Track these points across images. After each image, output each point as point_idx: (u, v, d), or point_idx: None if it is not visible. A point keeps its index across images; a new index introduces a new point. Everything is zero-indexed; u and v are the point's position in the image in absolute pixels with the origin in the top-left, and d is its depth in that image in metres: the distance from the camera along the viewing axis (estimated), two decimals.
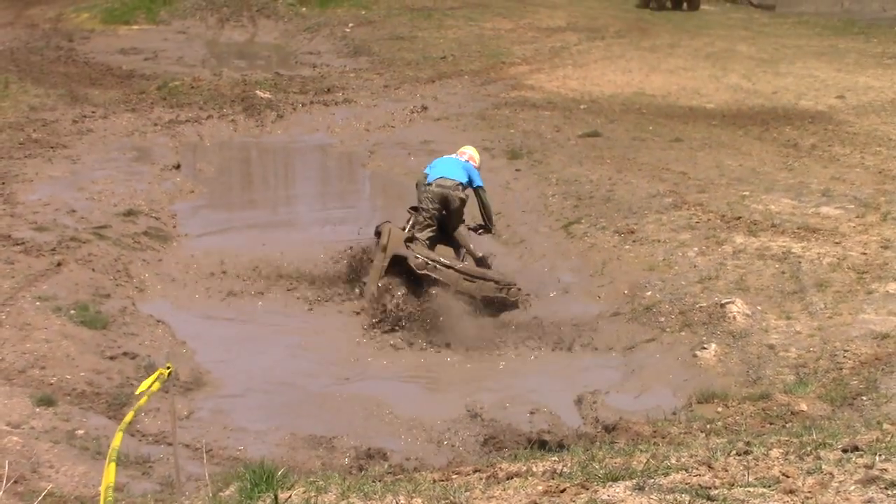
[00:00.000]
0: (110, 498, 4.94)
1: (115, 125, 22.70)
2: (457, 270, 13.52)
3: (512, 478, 6.43)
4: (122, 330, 12.49)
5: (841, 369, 11.01)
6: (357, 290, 14.05)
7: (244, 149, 22.74)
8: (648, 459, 6.46)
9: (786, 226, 15.34)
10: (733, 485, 5.73)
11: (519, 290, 13.94)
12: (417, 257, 13.41)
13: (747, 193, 17.14)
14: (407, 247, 13.52)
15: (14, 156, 19.76)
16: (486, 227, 14.51)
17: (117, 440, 5.20)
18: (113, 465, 5.00)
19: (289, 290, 14.35)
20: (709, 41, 33.54)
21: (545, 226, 16.52)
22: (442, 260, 13.56)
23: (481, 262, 14.27)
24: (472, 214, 14.46)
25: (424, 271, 13.39)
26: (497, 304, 13.76)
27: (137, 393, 5.72)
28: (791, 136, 21.64)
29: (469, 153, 14.35)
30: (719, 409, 10.19)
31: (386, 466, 9.30)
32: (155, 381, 5.53)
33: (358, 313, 13.64)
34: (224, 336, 13.02)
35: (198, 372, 11.82)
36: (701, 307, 12.79)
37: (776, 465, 6.05)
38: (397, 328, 13.16)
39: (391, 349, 12.85)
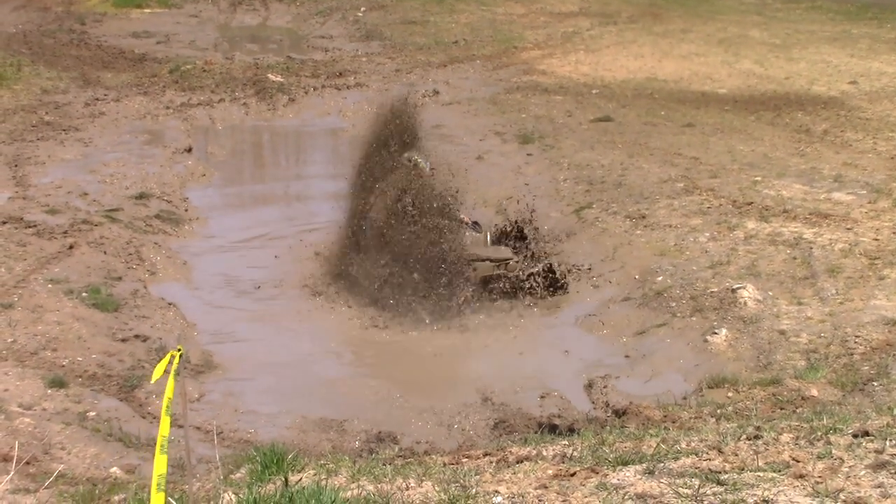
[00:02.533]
0: (162, 484, 5.01)
1: (127, 108, 22.71)
2: None
3: (522, 461, 6.44)
4: (133, 313, 12.53)
5: (852, 355, 11.00)
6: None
7: (256, 132, 22.74)
8: (658, 444, 6.47)
9: (797, 211, 15.31)
10: (743, 469, 5.73)
11: (517, 262, 13.91)
12: None
13: (759, 179, 17.11)
14: None
15: (26, 138, 19.80)
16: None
17: (165, 427, 5.23)
18: (164, 456, 5.06)
19: (299, 274, 14.36)
20: (721, 26, 33.40)
21: (557, 210, 16.49)
22: None
23: (476, 226, 14.38)
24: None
25: None
26: (501, 280, 13.76)
27: (153, 381, 5.72)
28: (803, 122, 21.56)
29: None
30: (730, 394, 10.20)
31: (396, 450, 9.31)
32: (167, 364, 5.54)
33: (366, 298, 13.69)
34: (234, 320, 13.04)
35: (208, 355, 11.85)
36: (712, 292, 12.78)
37: (786, 449, 6.05)
38: (404, 313, 13.24)
39: (398, 333, 12.89)
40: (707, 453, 6.10)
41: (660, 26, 33.40)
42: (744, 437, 6.44)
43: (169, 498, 5.60)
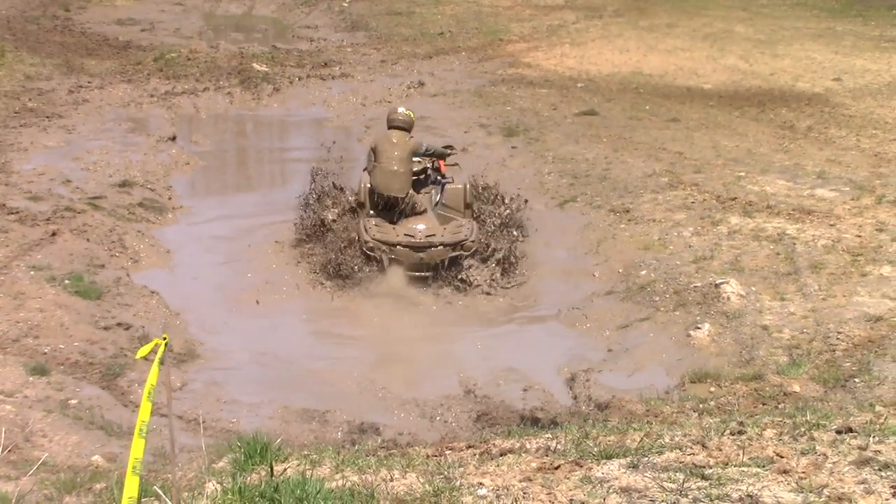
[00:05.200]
0: (138, 468, 4.98)
1: (111, 96, 22.63)
2: (404, 246, 13.54)
3: (506, 454, 6.43)
4: (116, 300, 12.48)
5: (834, 351, 11.03)
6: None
7: (240, 121, 22.70)
8: (642, 438, 6.47)
9: (781, 207, 15.35)
10: (727, 464, 5.74)
11: (473, 242, 13.79)
12: (367, 241, 13.48)
13: (743, 174, 17.15)
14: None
15: (9, 125, 19.70)
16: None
17: (145, 412, 5.20)
18: (142, 440, 5.03)
19: (283, 263, 14.33)
20: (707, 21, 33.46)
21: (541, 203, 16.49)
22: (387, 239, 13.57)
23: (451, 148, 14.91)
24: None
25: (373, 253, 13.44)
26: (458, 262, 13.72)
27: (137, 356, 5.70)
28: (787, 118, 21.62)
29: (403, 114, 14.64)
30: (712, 389, 10.22)
31: (379, 441, 9.30)
32: (151, 351, 5.51)
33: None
34: (218, 308, 13.01)
35: (191, 343, 11.82)
36: (695, 287, 12.80)
37: (770, 445, 6.06)
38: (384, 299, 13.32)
39: (379, 323, 12.90)
40: (691, 448, 6.12)
41: (645, 20, 33.44)
42: (727, 431, 6.45)
43: (154, 487, 5.58)
